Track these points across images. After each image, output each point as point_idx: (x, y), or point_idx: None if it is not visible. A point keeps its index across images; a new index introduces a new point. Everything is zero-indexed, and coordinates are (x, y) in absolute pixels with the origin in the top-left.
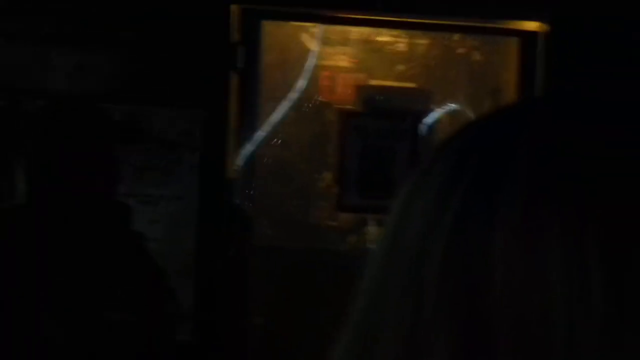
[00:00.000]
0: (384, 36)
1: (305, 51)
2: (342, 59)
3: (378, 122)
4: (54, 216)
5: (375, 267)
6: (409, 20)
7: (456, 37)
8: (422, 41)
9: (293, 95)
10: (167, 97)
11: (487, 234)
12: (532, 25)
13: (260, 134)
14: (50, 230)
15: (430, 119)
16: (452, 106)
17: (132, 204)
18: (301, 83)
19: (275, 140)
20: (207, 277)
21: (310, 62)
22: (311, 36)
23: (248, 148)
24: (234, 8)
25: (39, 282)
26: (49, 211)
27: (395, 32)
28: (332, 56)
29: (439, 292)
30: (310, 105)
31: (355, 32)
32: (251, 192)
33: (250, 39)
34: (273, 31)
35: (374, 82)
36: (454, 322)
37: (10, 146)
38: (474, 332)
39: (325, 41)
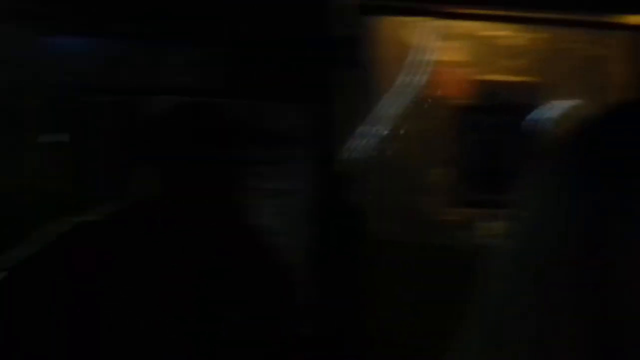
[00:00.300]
0: (497, 30)
1: (419, 46)
2: (456, 53)
3: (493, 116)
4: (177, 213)
5: (506, 265)
6: (522, 14)
7: (568, 31)
8: (535, 35)
9: (407, 90)
10: (281, 92)
11: (630, 233)
12: None
13: (375, 129)
14: (173, 227)
15: (544, 113)
16: (566, 101)
17: (249, 198)
18: (415, 78)
19: (389, 135)
20: (325, 271)
21: (424, 57)
22: (425, 31)
23: (362, 143)
24: (348, 3)
25: (163, 279)
26: (171, 208)
27: (509, 26)
28: (446, 51)
29: (578, 296)
30: (424, 100)
31: (469, 26)
32: (366, 187)
33: (363, 34)
34: (386, 26)
35: (489, 77)
36: (590, 323)
37: (127, 144)
38: (610, 335)
39: (439, 36)
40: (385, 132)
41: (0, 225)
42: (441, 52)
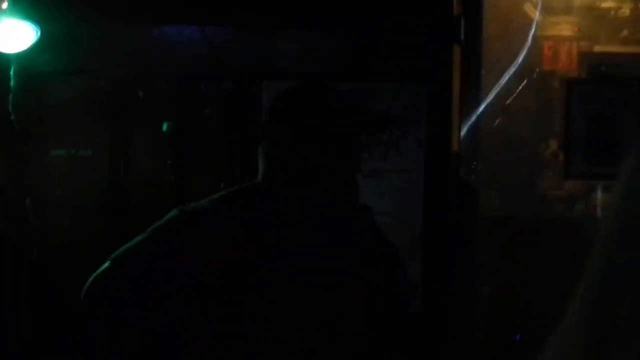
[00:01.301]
0: (606, 2)
1: (528, 21)
2: (564, 27)
3: (603, 89)
4: (294, 196)
5: (605, 236)
6: None
7: None
8: None
9: (516, 66)
10: (391, 72)
11: None
12: None
13: (484, 105)
14: (290, 209)
15: None
16: None
17: (359, 178)
18: (524, 53)
19: (500, 110)
20: (434, 248)
21: (533, 32)
22: (533, 6)
23: (472, 120)
24: None
25: (279, 262)
26: (288, 190)
27: None
28: (554, 25)
29: None
30: (533, 74)
31: None
32: (476, 164)
33: (471, 12)
34: (495, 3)
35: (597, 49)
36: None
37: (237, 127)
38: None
39: (547, 10)
40: (496, 109)
41: (119, 216)
42: (552, 26)
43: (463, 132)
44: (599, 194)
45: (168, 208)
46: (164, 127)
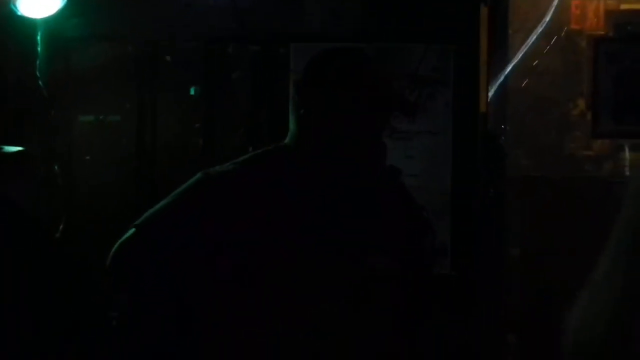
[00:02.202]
0: None
1: None
2: None
3: (630, 46)
4: (324, 162)
5: (638, 186)
6: None
7: None
8: None
9: (543, 25)
10: (419, 34)
11: None
12: None
13: (512, 65)
14: (319, 174)
15: None
16: None
17: (387, 140)
18: (551, 12)
19: (527, 71)
20: (463, 209)
21: None
22: None
23: (499, 80)
24: None
25: (305, 227)
26: (319, 157)
27: None
28: None
29: None
30: (561, 34)
31: None
32: (505, 124)
33: None
34: None
35: (625, 7)
36: None
37: (265, 90)
38: None
39: None
40: (524, 69)
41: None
42: None
43: (491, 93)
44: (627, 153)
45: (196, 172)
46: (192, 91)
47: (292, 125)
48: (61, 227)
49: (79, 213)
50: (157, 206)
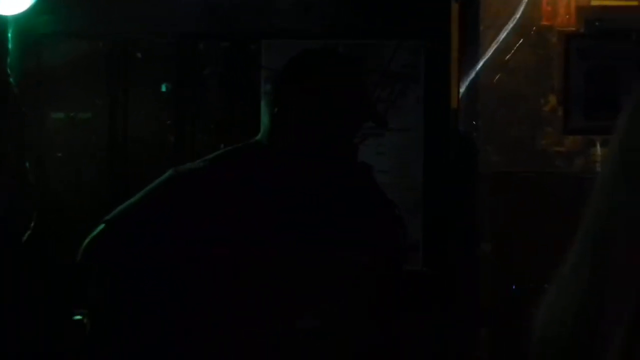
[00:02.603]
0: None
1: None
2: None
3: (601, 42)
4: (296, 158)
5: (606, 174)
6: None
7: None
8: None
9: (514, 21)
10: (390, 30)
11: None
12: None
13: (483, 62)
14: (291, 171)
15: None
16: None
17: (357, 139)
18: (522, 8)
19: (499, 67)
20: (435, 206)
21: None
22: None
23: (471, 76)
24: None
25: (276, 224)
26: (291, 154)
27: None
28: None
29: None
30: (532, 30)
31: None
32: (476, 120)
33: None
34: None
35: (595, 3)
36: None
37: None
38: None
39: None
40: (495, 65)
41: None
42: None
43: (462, 89)
44: (599, 149)
45: (167, 169)
46: (163, 87)
47: (264, 122)
48: (32, 224)
49: (51, 210)
50: (128, 202)
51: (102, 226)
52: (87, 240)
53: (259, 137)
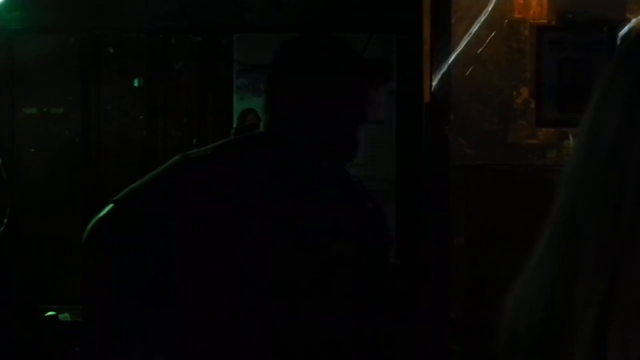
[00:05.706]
0: None
1: None
2: None
3: (573, 34)
4: (295, 147)
5: (573, 164)
6: None
7: None
8: None
9: (486, 14)
10: (362, 23)
11: None
12: None
13: (455, 54)
14: (289, 160)
15: (626, 28)
16: None
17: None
18: (494, 1)
19: (471, 59)
20: (408, 198)
21: None
22: None
23: (443, 69)
24: None
25: (273, 212)
26: (291, 143)
27: None
28: None
29: (638, 187)
30: (504, 22)
31: None
32: (448, 113)
33: None
34: None
35: None
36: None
37: (209, 80)
38: None
39: None
40: (467, 57)
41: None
42: None
43: (434, 81)
44: (571, 141)
45: (140, 163)
46: (135, 82)
47: (263, 112)
48: (5, 220)
49: (24, 205)
50: (135, 184)
51: (110, 206)
52: (94, 220)
53: (261, 128)
